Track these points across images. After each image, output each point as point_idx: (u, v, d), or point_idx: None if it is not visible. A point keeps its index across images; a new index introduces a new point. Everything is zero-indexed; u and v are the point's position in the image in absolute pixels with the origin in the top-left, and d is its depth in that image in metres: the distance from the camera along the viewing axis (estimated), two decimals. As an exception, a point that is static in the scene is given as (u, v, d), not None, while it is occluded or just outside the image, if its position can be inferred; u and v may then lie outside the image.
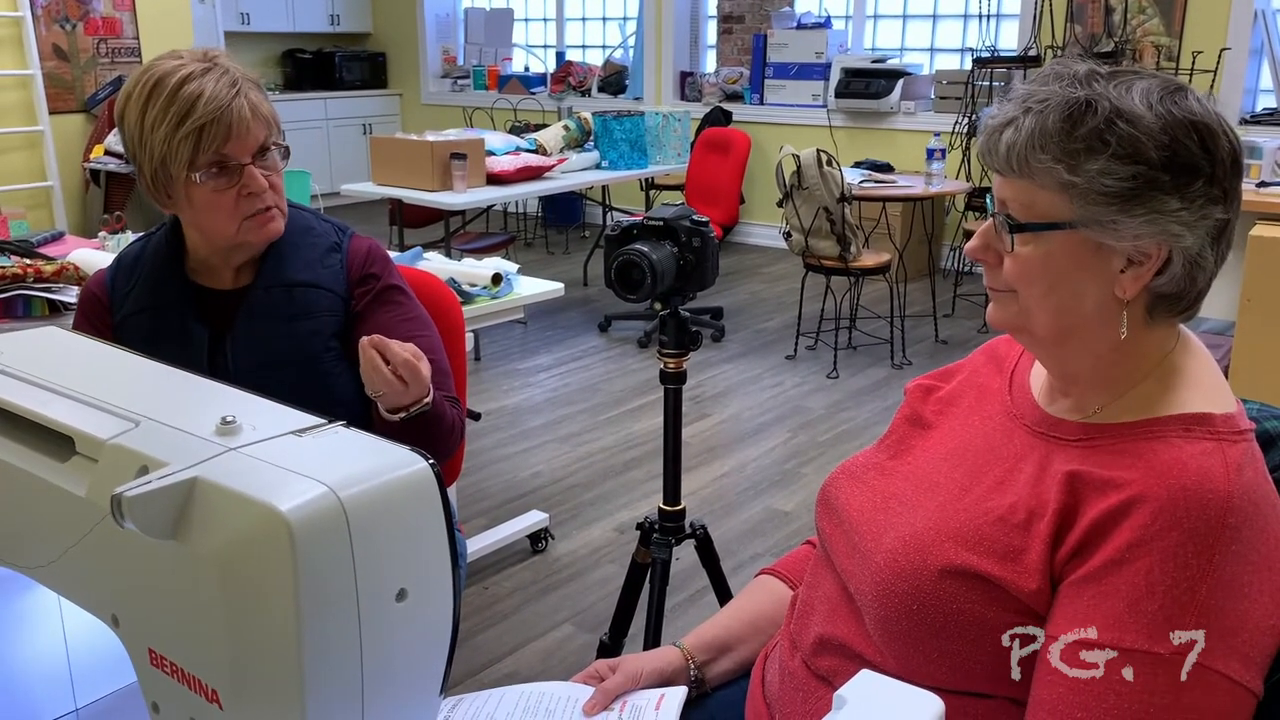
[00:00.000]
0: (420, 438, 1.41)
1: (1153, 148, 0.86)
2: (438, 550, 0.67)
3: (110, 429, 0.69)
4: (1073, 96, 0.88)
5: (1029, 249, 0.91)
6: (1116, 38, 5.47)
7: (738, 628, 1.22)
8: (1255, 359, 3.07)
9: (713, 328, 4.97)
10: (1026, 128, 0.89)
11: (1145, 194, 0.86)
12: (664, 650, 1.20)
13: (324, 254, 1.53)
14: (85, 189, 5.57)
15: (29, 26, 5.21)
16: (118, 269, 1.55)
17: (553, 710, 1.12)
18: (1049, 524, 0.90)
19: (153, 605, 0.67)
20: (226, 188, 1.40)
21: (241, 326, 1.47)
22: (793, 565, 1.27)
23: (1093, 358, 0.94)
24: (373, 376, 1.34)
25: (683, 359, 1.78)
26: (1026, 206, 0.91)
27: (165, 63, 1.39)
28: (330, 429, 0.70)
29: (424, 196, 4.28)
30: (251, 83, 1.43)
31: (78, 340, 0.88)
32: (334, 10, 8.77)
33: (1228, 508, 0.83)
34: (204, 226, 1.45)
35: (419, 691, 0.69)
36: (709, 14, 7.50)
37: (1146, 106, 0.87)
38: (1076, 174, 0.87)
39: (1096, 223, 0.88)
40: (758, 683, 1.15)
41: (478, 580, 2.75)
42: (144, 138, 1.39)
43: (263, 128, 1.42)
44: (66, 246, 2.76)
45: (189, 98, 1.35)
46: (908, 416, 1.14)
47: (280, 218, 1.47)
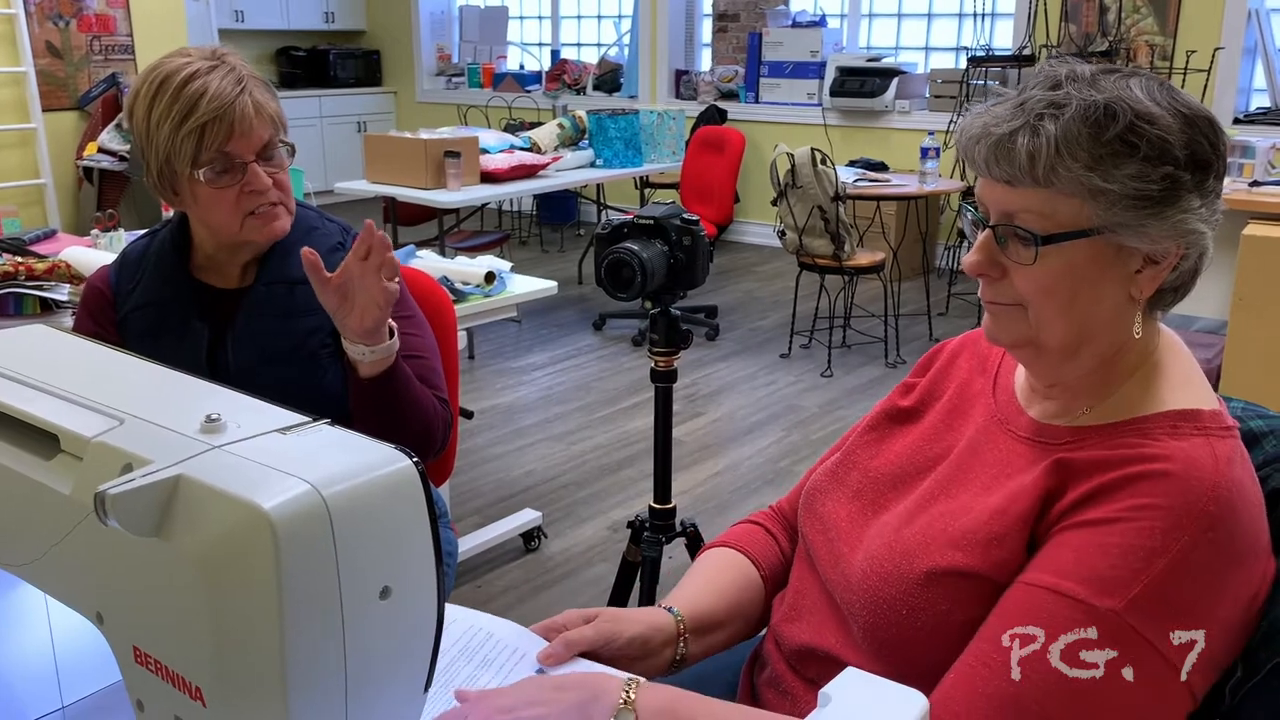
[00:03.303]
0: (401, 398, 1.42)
1: (1178, 147, 0.85)
2: (421, 548, 0.68)
3: (95, 427, 0.69)
4: (1091, 100, 0.85)
5: (1050, 260, 0.88)
6: (1111, 37, 5.48)
7: (725, 609, 1.13)
8: (1247, 358, 3.08)
9: (707, 326, 4.97)
10: (1049, 134, 0.85)
11: (1173, 194, 0.86)
12: (655, 613, 1.08)
13: (327, 253, 1.53)
14: (78, 186, 5.56)
15: (22, 23, 5.20)
16: (123, 264, 1.56)
17: (490, 660, 1.00)
18: (1032, 507, 0.90)
19: (137, 603, 0.67)
20: (230, 185, 1.41)
21: (242, 322, 1.48)
22: (751, 543, 1.20)
23: (1096, 362, 0.93)
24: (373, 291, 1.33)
25: (673, 358, 1.78)
26: (1045, 216, 0.87)
27: (173, 60, 1.41)
28: (314, 427, 0.70)
29: (418, 194, 4.28)
30: (258, 81, 1.44)
31: (63, 338, 0.88)
32: (328, 8, 8.75)
33: (1211, 496, 0.83)
34: (209, 223, 1.46)
35: (403, 689, 0.69)
36: (704, 12, 7.50)
37: (1157, 105, 0.86)
38: (1110, 180, 0.84)
39: (1125, 227, 0.86)
40: (746, 683, 1.15)
41: (470, 578, 2.75)
42: (150, 134, 1.40)
43: (267, 126, 1.42)
44: (59, 244, 2.75)
45: (193, 95, 1.36)
46: (886, 411, 1.13)
47: (286, 215, 1.48)
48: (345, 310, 1.36)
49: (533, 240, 7.24)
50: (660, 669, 1.08)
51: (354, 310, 1.35)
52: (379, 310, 1.35)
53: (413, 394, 1.46)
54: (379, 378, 1.41)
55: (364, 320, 1.35)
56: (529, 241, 7.21)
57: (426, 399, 1.49)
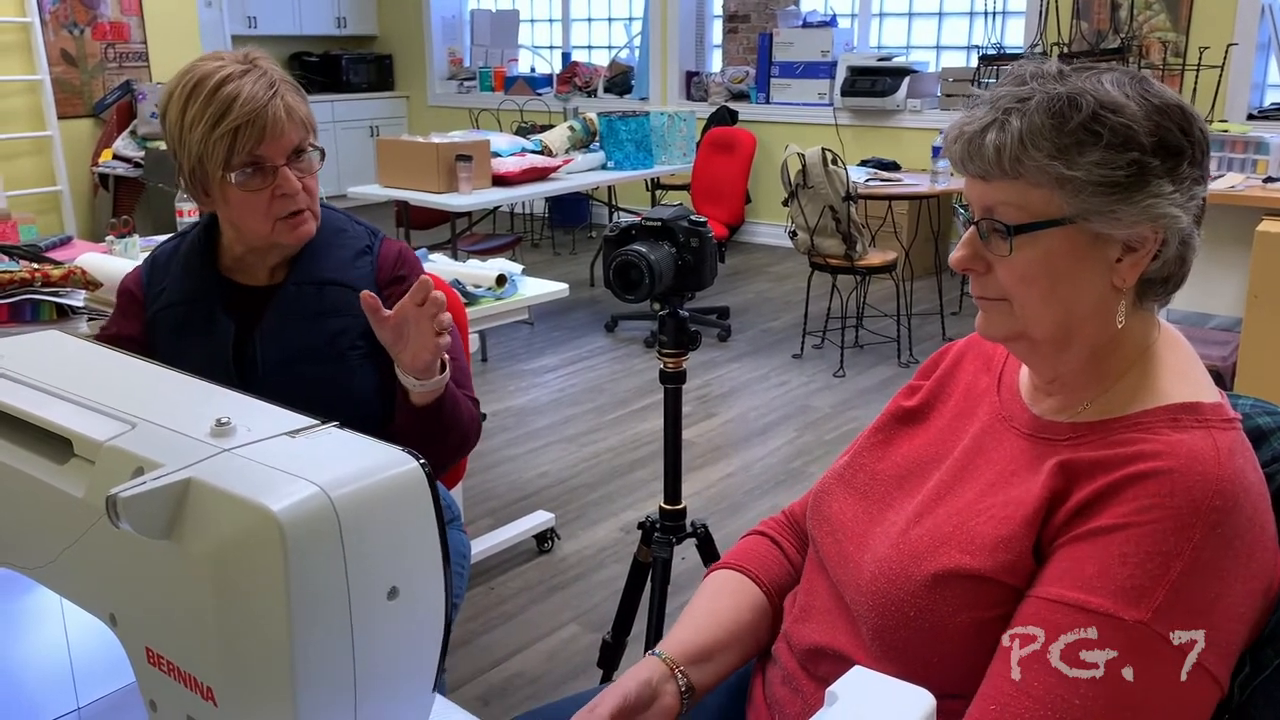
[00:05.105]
0: (445, 420, 1.45)
1: (1142, 133, 0.87)
2: (429, 549, 0.68)
3: (107, 431, 0.70)
4: (1055, 92, 0.88)
5: (1027, 251, 0.90)
6: (1123, 34, 5.45)
7: (722, 635, 1.12)
8: (1263, 355, 3.06)
9: (719, 327, 4.97)
10: (1014, 128, 0.88)
11: (1141, 180, 0.87)
12: (642, 664, 1.08)
13: (355, 255, 1.55)
14: (94, 193, 5.60)
15: (37, 32, 5.24)
16: (153, 264, 1.59)
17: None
18: (1037, 510, 0.90)
19: (149, 604, 0.68)
20: (261, 188, 1.42)
21: (270, 321, 1.50)
22: (753, 559, 1.20)
23: (1088, 353, 0.94)
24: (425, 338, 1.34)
25: (682, 359, 1.79)
26: (1020, 208, 0.90)
27: (207, 64, 1.42)
28: (323, 430, 0.70)
29: (430, 198, 4.29)
30: (289, 85, 1.45)
31: (76, 344, 0.89)
32: (340, 13, 8.79)
33: (1215, 490, 0.83)
34: (239, 225, 1.48)
35: (411, 688, 0.70)
36: (714, 13, 7.50)
37: (1124, 95, 0.88)
38: (1074, 167, 0.87)
39: (1096, 214, 0.88)
40: (759, 682, 1.15)
41: (484, 580, 2.75)
42: (183, 136, 1.42)
43: (298, 130, 1.44)
44: (74, 251, 2.77)
45: (226, 98, 1.38)
46: (893, 413, 1.14)
47: (312, 220, 1.50)
48: (400, 347, 1.38)
49: (544, 243, 7.26)
50: (673, 705, 1.07)
51: (407, 348, 1.37)
52: (429, 355, 1.37)
53: (457, 410, 1.47)
54: (429, 405, 1.43)
55: (416, 361, 1.38)
56: (541, 244, 7.22)
57: (465, 409, 1.50)
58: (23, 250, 2.46)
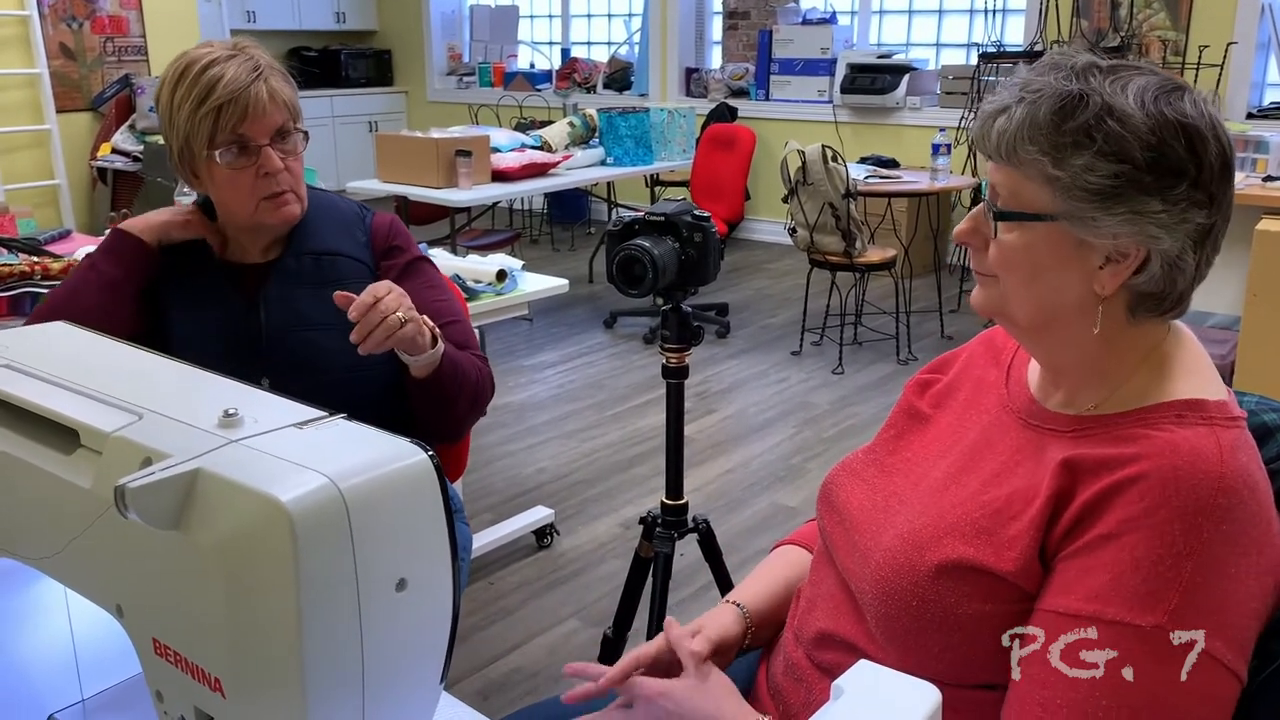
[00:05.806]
0: (449, 387, 1.49)
1: (1138, 148, 0.85)
2: (437, 540, 0.68)
3: (114, 422, 0.70)
4: (1066, 89, 0.88)
5: (1013, 237, 0.92)
6: (1123, 32, 5.45)
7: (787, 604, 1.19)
8: (1261, 353, 3.06)
9: (718, 324, 4.97)
10: (1018, 117, 0.89)
11: (1126, 193, 0.86)
12: (724, 610, 1.17)
13: (348, 226, 1.60)
14: (92, 187, 5.59)
15: (36, 25, 5.23)
16: None
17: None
18: (1042, 510, 0.90)
19: (156, 595, 0.67)
20: (244, 166, 1.47)
21: (274, 290, 1.53)
22: (812, 537, 1.25)
23: (1076, 349, 0.94)
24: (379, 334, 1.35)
25: (684, 354, 1.79)
26: (1013, 195, 0.91)
27: (197, 50, 1.49)
28: (331, 421, 0.70)
29: (429, 194, 4.29)
30: (275, 70, 1.50)
31: (82, 335, 0.89)
32: (340, 8, 8.78)
33: (1219, 488, 0.83)
34: (225, 204, 1.52)
35: (419, 680, 0.70)
36: (714, 10, 7.49)
37: (1139, 105, 0.86)
38: (1061, 168, 0.87)
39: (1077, 218, 0.88)
40: (762, 672, 1.16)
41: (483, 575, 2.76)
42: (171, 117, 1.47)
43: (281, 112, 1.48)
44: (73, 244, 2.77)
45: (211, 80, 1.44)
46: (905, 410, 1.14)
47: (296, 203, 1.53)
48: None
49: (544, 239, 7.25)
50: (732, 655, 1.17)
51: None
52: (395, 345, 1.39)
53: (461, 373, 1.52)
54: (430, 376, 1.48)
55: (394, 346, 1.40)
56: (540, 240, 7.21)
57: (471, 369, 1.54)
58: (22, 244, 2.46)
